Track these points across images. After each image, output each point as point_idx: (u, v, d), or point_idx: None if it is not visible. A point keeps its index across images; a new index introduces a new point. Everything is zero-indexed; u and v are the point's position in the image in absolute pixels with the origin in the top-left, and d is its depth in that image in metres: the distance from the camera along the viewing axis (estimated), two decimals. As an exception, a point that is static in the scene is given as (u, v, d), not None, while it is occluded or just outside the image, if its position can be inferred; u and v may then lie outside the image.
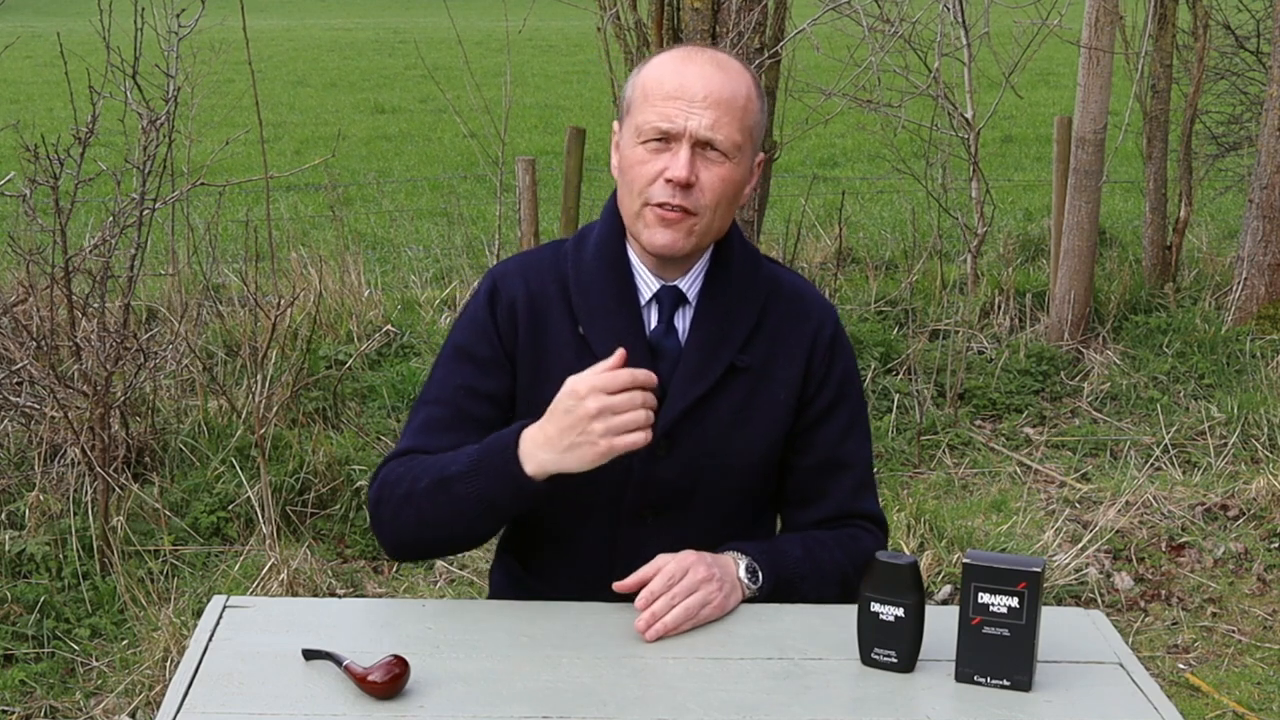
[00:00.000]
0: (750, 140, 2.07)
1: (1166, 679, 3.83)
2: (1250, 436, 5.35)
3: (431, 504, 2.00)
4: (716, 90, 2.02)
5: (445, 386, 2.13)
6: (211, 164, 6.10)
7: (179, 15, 4.63)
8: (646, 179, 2.03)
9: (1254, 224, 6.47)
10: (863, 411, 2.23)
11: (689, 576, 1.97)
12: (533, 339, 2.11)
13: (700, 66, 2.04)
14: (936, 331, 6.25)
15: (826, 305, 2.22)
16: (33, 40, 14.25)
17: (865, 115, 7.80)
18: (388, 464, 2.10)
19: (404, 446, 2.11)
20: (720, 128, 2.02)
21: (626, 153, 2.07)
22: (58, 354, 4.57)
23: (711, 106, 2.01)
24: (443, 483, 1.99)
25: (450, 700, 1.77)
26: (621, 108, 2.12)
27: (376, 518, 2.09)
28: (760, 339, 2.13)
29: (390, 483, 2.06)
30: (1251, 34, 7.84)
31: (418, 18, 30.69)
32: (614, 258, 2.12)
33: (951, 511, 4.71)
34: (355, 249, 7.03)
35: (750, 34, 4.84)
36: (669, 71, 2.04)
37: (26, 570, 4.01)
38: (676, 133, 2.01)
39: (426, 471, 2.02)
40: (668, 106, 2.01)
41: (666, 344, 2.11)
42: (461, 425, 2.09)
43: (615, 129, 2.13)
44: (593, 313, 2.10)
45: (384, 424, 5.21)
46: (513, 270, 2.16)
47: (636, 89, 2.07)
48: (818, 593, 2.11)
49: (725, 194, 2.05)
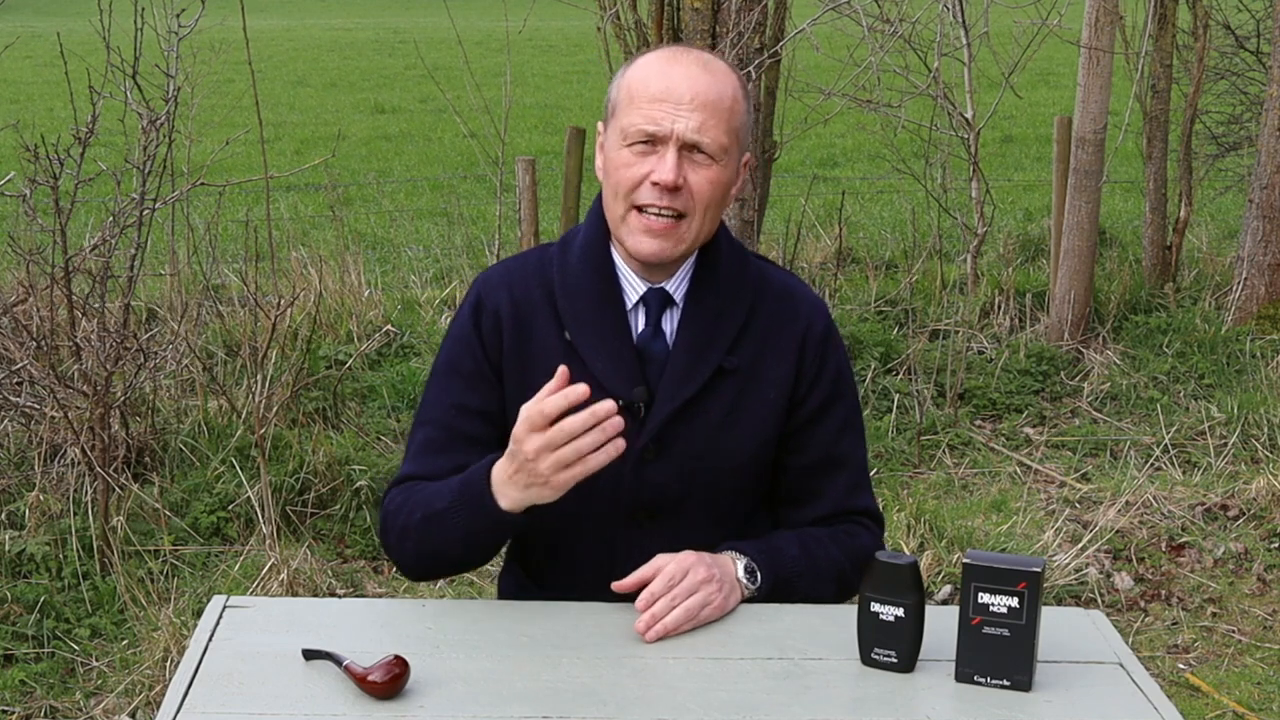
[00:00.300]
0: (737, 142, 2.06)
1: (1166, 679, 3.83)
2: (1250, 436, 5.35)
3: (426, 537, 2.04)
4: (703, 92, 2.01)
5: (437, 406, 2.15)
6: (211, 164, 6.10)
7: (179, 15, 4.63)
8: (632, 182, 2.03)
9: (1254, 224, 6.47)
10: (856, 408, 2.22)
11: (689, 577, 1.97)
12: (518, 348, 2.11)
13: (686, 68, 2.02)
14: (936, 331, 6.25)
15: (817, 302, 2.20)
16: (33, 40, 14.24)
17: (865, 115, 7.80)
18: (390, 492, 2.14)
19: (405, 473, 2.14)
20: (707, 130, 2.01)
21: (612, 155, 2.06)
22: (58, 354, 4.57)
23: (698, 109, 2.00)
24: (431, 518, 2.03)
25: (450, 700, 1.77)
26: (606, 109, 2.10)
27: (385, 546, 2.15)
28: (748, 340, 2.12)
29: (391, 513, 2.10)
30: (1251, 34, 7.84)
31: (418, 18, 30.69)
32: (599, 262, 2.11)
33: (951, 511, 4.71)
34: (355, 249, 7.03)
35: (750, 34, 4.84)
36: (654, 73, 2.03)
37: (26, 570, 4.01)
38: (663, 135, 2.00)
39: (418, 505, 2.05)
40: (653, 109, 2.00)
41: (654, 347, 2.10)
42: (456, 445, 2.11)
43: (600, 130, 2.12)
44: (579, 317, 2.09)
45: (384, 424, 5.21)
46: (497, 279, 2.16)
47: (621, 90, 2.06)
48: (815, 590, 2.11)
49: (713, 196, 2.04)
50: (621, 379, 2.07)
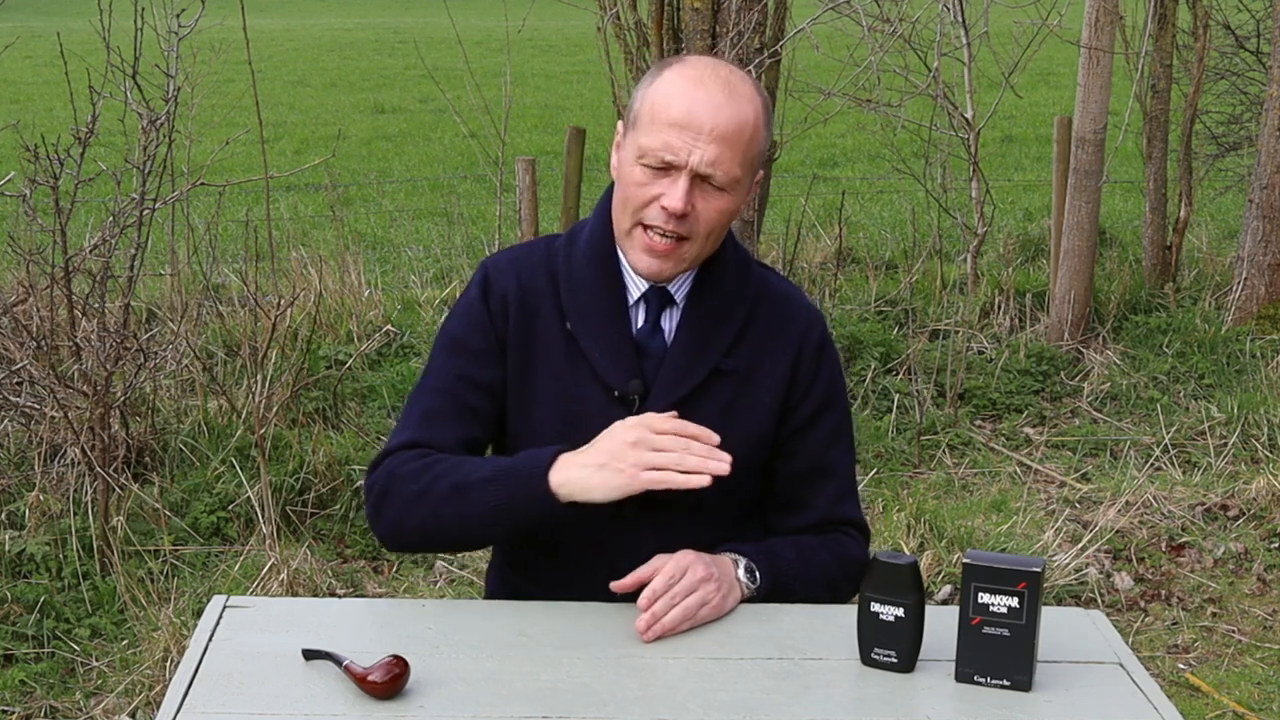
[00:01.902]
0: (750, 169, 2.08)
1: (1166, 679, 3.83)
2: (1250, 436, 5.35)
3: (442, 506, 2.02)
4: (724, 124, 2.01)
5: (443, 375, 2.14)
6: (211, 164, 6.10)
7: (179, 15, 4.63)
8: (643, 201, 2.05)
9: (1254, 224, 6.47)
10: (848, 420, 2.25)
11: (688, 577, 1.97)
12: (522, 332, 2.13)
13: (711, 94, 2.02)
14: (936, 331, 6.25)
15: (814, 311, 2.23)
16: (33, 40, 14.25)
17: (865, 115, 7.80)
18: (394, 455, 2.10)
19: (409, 438, 2.11)
20: (721, 164, 2.02)
21: (626, 167, 2.08)
22: (58, 354, 4.57)
23: (716, 141, 2.01)
24: (461, 487, 2.01)
25: (450, 700, 1.77)
26: (628, 115, 2.10)
27: (379, 507, 2.09)
28: (746, 343, 2.15)
29: (402, 476, 2.06)
30: (1251, 34, 7.84)
31: (418, 18, 30.68)
32: (604, 256, 2.14)
33: (951, 511, 4.71)
34: (355, 249, 7.02)
35: (750, 34, 4.84)
36: (678, 94, 2.03)
37: (26, 570, 4.01)
38: (678, 164, 2.02)
39: (445, 474, 2.03)
40: (672, 135, 2.01)
41: (652, 344, 2.13)
42: (461, 415, 2.12)
43: (619, 130, 2.13)
44: (581, 309, 2.12)
45: (384, 424, 5.21)
46: (504, 263, 2.18)
47: (645, 103, 2.06)
48: (808, 594, 2.11)
49: (719, 223, 2.07)
50: (619, 372, 2.09)
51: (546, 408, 2.12)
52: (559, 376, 2.12)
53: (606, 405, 2.09)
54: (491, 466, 2.02)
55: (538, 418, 2.12)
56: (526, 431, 2.13)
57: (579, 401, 2.10)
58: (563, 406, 2.11)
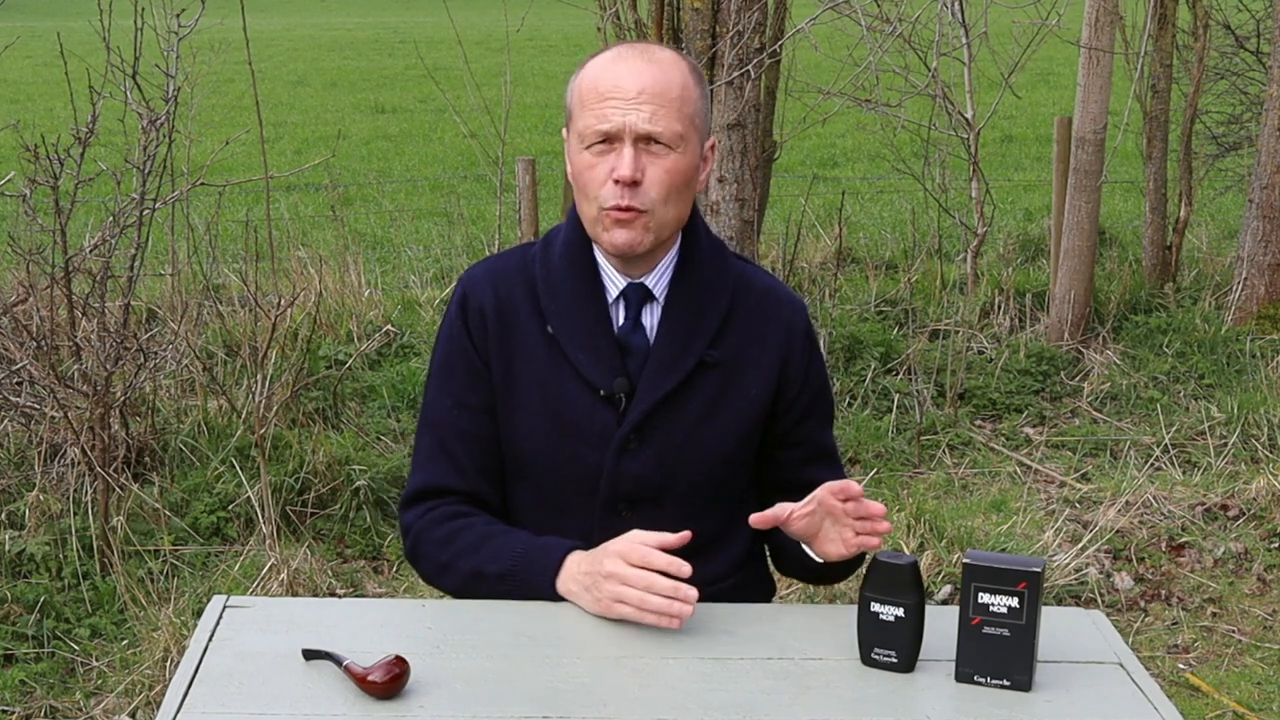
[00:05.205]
0: (695, 128, 2.08)
1: (1166, 679, 3.83)
2: (1250, 436, 5.35)
3: (467, 586, 2.11)
4: (650, 84, 2.03)
5: (439, 408, 2.18)
6: (211, 164, 6.09)
7: (179, 15, 4.64)
8: (598, 182, 2.06)
9: (1254, 224, 6.47)
10: (832, 397, 2.33)
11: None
12: (501, 344, 2.14)
13: (630, 63, 2.05)
14: (936, 331, 6.25)
15: (797, 300, 2.25)
16: (33, 40, 14.24)
17: (865, 115, 7.79)
18: (413, 509, 2.17)
19: (421, 484, 2.17)
20: (659, 119, 2.03)
21: (575, 160, 2.09)
22: (58, 354, 4.57)
23: (647, 100, 2.02)
24: (476, 577, 2.09)
25: (450, 700, 1.77)
26: (566, 116, 2.14)
27: (413, 558, 2.21)
28: (730, 334, 2.16)
29: (429, 541, 2.14)
30: (1251, 34, 7.84)
31: (418, 18, 30.69)
32: (580, 257, 2.15)
33: (951, 511, 4.71)
34: (355, 249, 7.03)
35: (750, 34, 4.84)
36: (601, 72, 2.06)
37: (26, 570, 4.01)
38: (617, 131, 2.03)
39: (464, 553, 2.10)
40: (604, 107, 2.03)
41: (634, 341, 2.13)
42: (466, 443, 2.15)
43: (565, 137, 2.16)
44: (561, 311, 2.12)
45: (384, 424, 5.21)
46: (480, 276, 2.19)
47: (574, 95, 2.09)
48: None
49: (673, 185, 2.06)
50: (603, 370, 2.10)
51: (534, 413, 2.13)
52: (544, 381, 2.12)
53: (593, 406, 2.10)
54: (506, 562, 2.06)
55: (526, 423, 2.13)
56: (516, 437, 2.15)
57: (565, 404, 2.11)
58: (550, 410, 2.12)
